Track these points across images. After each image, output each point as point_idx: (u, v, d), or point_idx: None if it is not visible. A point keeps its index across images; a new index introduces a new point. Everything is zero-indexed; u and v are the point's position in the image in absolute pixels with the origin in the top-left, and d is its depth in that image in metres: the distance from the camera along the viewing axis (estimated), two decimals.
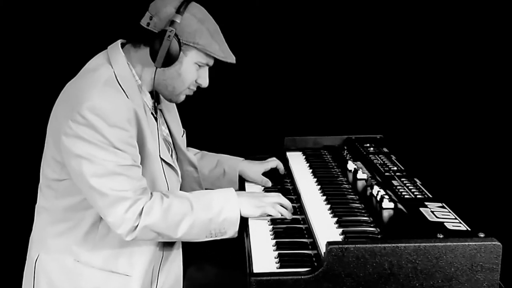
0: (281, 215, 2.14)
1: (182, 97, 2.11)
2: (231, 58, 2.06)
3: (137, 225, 1.94)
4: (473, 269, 1.74)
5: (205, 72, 2.08)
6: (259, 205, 2.10)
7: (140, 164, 2.00)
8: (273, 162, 2.55)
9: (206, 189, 2.36)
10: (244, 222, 2.15)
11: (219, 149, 2.60)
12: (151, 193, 1.99)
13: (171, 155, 2.22)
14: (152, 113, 2.11)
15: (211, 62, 2.08)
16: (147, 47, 2.00)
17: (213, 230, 2.02)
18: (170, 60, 1.97)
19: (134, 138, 1.97)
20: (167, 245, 2.16)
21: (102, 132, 1.90)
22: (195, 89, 2.11)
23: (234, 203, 2.05)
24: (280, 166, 2.57)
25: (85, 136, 1.90)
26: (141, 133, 2.00)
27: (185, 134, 2.37)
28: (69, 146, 1.92)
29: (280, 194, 2.18)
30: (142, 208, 1.94)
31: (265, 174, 2.60)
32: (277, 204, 2.15)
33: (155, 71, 2.01)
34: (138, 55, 2.04)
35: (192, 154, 2.38)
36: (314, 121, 3.37)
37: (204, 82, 2.10)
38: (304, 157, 2.75)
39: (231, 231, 2.04)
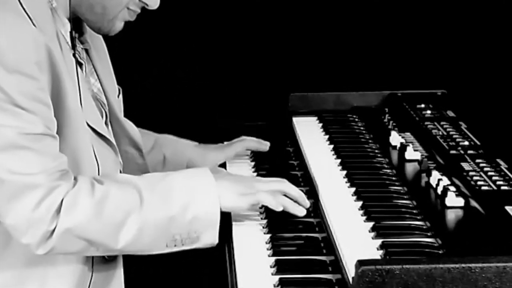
0: (286, 209, 2.16)
1: (118, 24, 2.13)
2: None
3: (54, 229, 1.94)
4: None
5: None
6: (247, 192, 2.12)
7: (58, 132, 2.01)
8: (240, 144, 2.59)
9: None
10: (225, 227, 2.15)
11: (183, 117, 2.60)
12: (75, 178, 2.00)
13: (105, 125, 2.25)
14: (74, 55, 2.11)
15: None
16: None
17: (177, 234, 2.03)
18: None
19: (46, 91, 1.97)
20: (100, 261, 2.17)
21: None
22: (138, 10, 2.13)
23: (210, 191, 2.06)
24: (255, 146, 2.60)
25: None
26: (58, 83, 2.00)
27: (121, 95, 2.37)
28: None
29: (284, 180, 2.21)
30: (62, 200, 1.94)
31: (259, 154, 2.62)
32: (278, 193, 2.15)
33: None
34: None
35: (134, 126, 2.39)
36: (335, 69, 3.37)
37: (153, 1, 2.10)
38: (321, 125, 2.76)
39: (208, 237, 2.05)
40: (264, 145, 2.62)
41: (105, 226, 1.98)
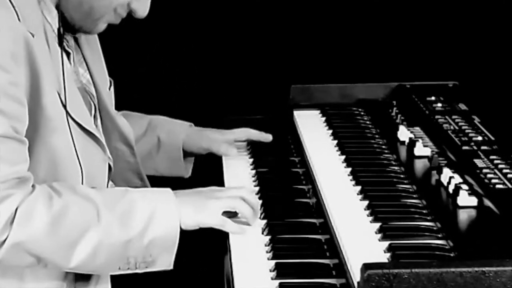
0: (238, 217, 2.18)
1: (101, 26, 2.16)
2: None
3: (5, 240, 1.91)
4: None
5: None
6: (209, 207, 2.12)
7: (32, 132, 2.00)
8: (242, 133, 2.63)
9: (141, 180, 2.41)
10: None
11: (179, 110, 2.65)
12: (33, 186, 1.97)
13: (94, 118, 2.24)
14: (61, 45, 2.10)
15: None
16: None
17: (132, 258, 2.02)
18: None
19: (19, 86, 1.96)
20: (84, 274, 2.14)
21: None
22: (124, 15, 2.15)
23: (170, 214, 2.05)
24: (257, 136, 2.64)
25: None
26: (36, 78, 1.99)
27: (112, 87, 2.37)
28: None
29: (243, 186, 2.29)
30: (16, 210, 1.92)
31: (257, 150, 2.63)
32: (239, 199, 2.17)
33: None
34: None
35: (125, 121, 2.39)
36: (339, 59, 3.37)
37: (142, 9, 2.13)
38: (324, 119, 2.76)
39: (163, 261, 2.05)
40: (266, 137, 2.65)
41: (58, 244, 1.96)
